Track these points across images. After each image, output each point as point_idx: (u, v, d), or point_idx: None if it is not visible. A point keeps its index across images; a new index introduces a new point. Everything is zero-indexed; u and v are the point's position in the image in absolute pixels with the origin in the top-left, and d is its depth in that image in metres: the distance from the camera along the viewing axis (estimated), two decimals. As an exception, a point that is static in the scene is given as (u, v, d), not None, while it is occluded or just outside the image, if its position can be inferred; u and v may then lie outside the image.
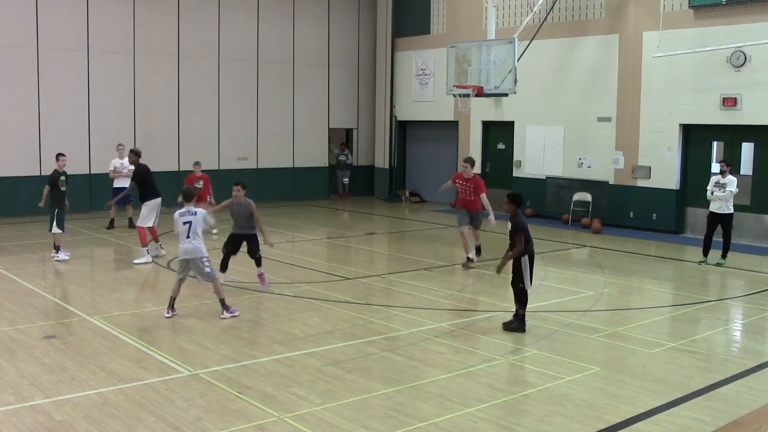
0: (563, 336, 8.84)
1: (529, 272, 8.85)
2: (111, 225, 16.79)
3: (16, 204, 18.30)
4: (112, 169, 17.05)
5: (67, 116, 19.03)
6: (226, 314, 9.41)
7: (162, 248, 13.57)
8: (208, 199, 15.72)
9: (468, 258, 13.12)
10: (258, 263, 11.04)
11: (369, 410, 6.47)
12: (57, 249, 13.20)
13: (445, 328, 9.23)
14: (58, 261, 13.05)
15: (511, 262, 8.97)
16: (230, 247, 10.98)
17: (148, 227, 13.27)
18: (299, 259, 13.74)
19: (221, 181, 21.52)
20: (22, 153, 18.48)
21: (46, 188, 13.15)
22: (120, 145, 17.40)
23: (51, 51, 18.75)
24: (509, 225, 8.92)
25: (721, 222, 13.68)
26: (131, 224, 16.90)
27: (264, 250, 11.09)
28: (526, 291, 8.91)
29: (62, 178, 13.18)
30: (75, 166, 17.95)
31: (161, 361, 7.75)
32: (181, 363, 7.66)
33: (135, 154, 13.69)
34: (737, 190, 13.62)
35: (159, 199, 13.42)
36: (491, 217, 12.94)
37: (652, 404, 6.73)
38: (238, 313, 9.51)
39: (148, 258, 13.04)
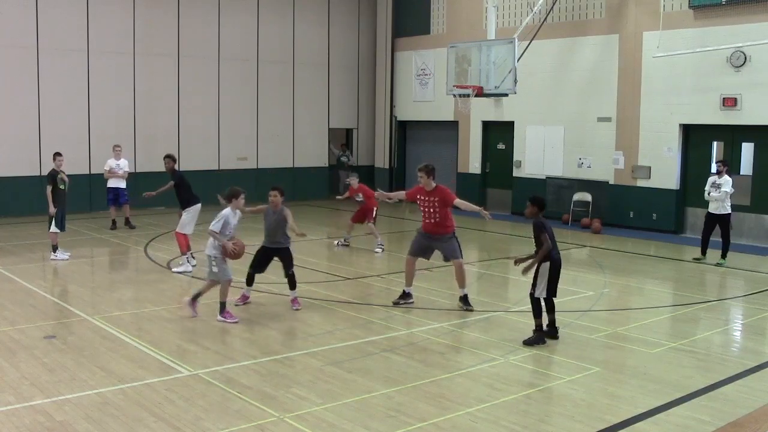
0: (563, 336, 8.83)
1: (546, 280, 8.39)
2: (114, 225, 16.78)
3: (16, 204, 18.31)
4: (107, 169, 16.99)
5: (67, 116, 19.02)
6: (219, 317, 9.27)
7: (193, 258, 12.55)
8: (374, 214, 14.90)
9: (405, 292, 10.34)
10: (292, 285, 9.96)
11: (369, 410, 6.47)
12: (54, 249, 13.18)
13: (445, 328, 9.23)
14: (56, 260, 13.02)
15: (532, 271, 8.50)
16: (257, 263, 9.94)
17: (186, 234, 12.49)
18: (299, 259, 13.67)
19: (221, 182, 21.59)
20: (22, 153, 18.48)
21: (48, 188, 13.10)
22: (117, 146, 17.36)
23: (51, 51, 18.75)
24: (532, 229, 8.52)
25: (718, 222, 13.70)
26: (128, 223, 16.90)
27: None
28: (536, 299, 8.45)
29: (60, 176, 13.16)
30: (75, 166, 17.93)
31: (161, 361, 7.75)
32: (181, 363, 7.66)
33: (171, 160, 12.88)
34: (732, 190, 13.65)
35: (199, 205, 12.61)
36: (482, 211, 10.01)
37: (652, 404, 6.73)
38: (236, 321, 9.28)
39: (187, 267, 12.26)
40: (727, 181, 13.57)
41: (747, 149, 16.51)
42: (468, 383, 7.26)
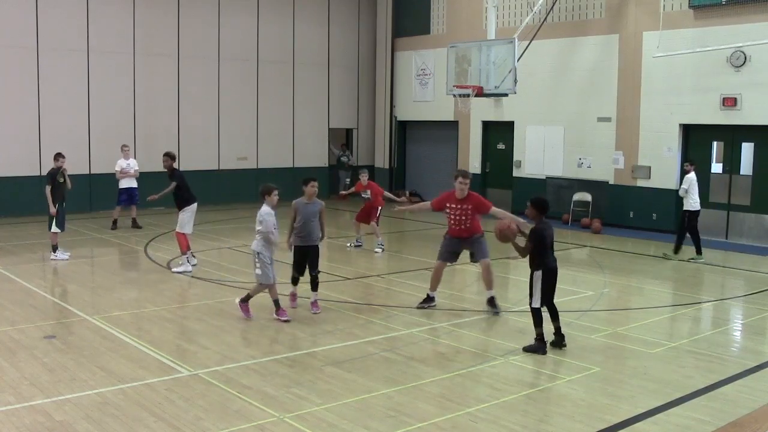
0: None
1: (540, 289, 8.23)
2: (114, 225, 16.75)
3: (16, 204, 18.30)
4: (119, 169, 16.97)
5: (67, 116, 19.02)
6: (242, 310, 9.38)
7: (194, 257, 12.56)
8: (378, 214, 14.72)
9: (428, 296, 10.12)
10: (314, 286, 9.79)
11: (369, 410, 6.47)
12: (54, 249, 13.17)
13: (445, 328, 9.23)
14: (56, 260, 13.01)
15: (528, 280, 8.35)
16: (299, 265, 9.77)
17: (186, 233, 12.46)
18: (299, 259, 13.72)
19: (221, 182, 21.62)
20: (22, 153, 18.47)
21: (47, 188, 13.08)
22: (125, 145, 17.41)
23: (51, 51, 18.75)
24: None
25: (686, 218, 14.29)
26: (135, 224, 16.89)
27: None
28: (533, 309, 8.29)
29: (60, 170, 13.15)
30: (75, 166, 17.92)
31: (161, 361, 7.75)
32: (181, 363, 7.66)
33: (170, 158, 12.79)
34: (686, 186, 14.06)
35: (195, 204, 12.58)
36: (518, 219, 9.08)
37: (652, 404, 6.73)
38: (249, 316, 9.35)
39: (187, 266, 12.22)
40: (686, 179, 14.06)
41: (747, 149, 16.51)
42: (468, 383, 7.26)
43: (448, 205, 9.80)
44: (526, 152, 20.19)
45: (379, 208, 14.89)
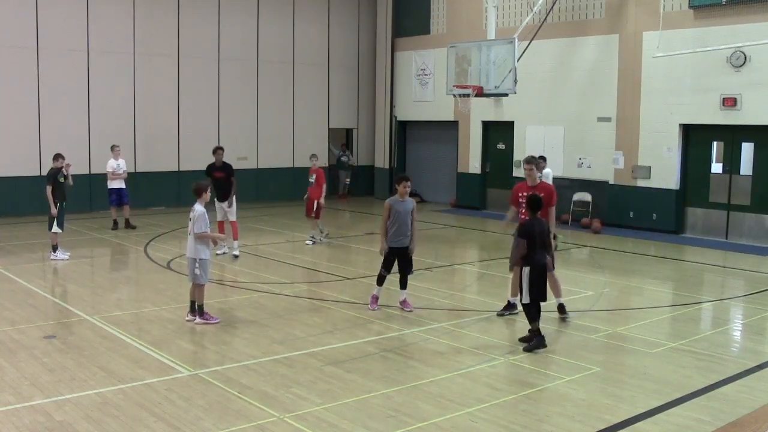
0: (563, 336, 8.83)
1: (528, 285, 8.18)
2: (115, 225, 16.74)
3: (16, 204, 18.31)
4: (110, 170, 16.93)
5: (67, 116, 19.03)
6: (198, 319, 9.12)
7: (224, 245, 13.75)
8: (321, 200, 15.01)
9: (509, 303, 9.72)
10: (405, 284, 9.83)
11: (369, 410, 6.47)
12: (54, 249, 13.17)
13: (445, 328, 9.23)
14: (56, 260, 13.01)
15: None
16: (389, 264, 9.73)
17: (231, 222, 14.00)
18: (299, 259, 13.75)
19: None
20: (22, 153, 18.48)
21: (48, 189, 13.07)
22: (116, 146, 17.32)
23: (51, 51, 18.75)
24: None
25: None
26: (128, 225, 16.87)
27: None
28: (524, 305, 8.30)
29: (62, 170, 13.16)
30: (75, 166, 17.81)
31: (161, 361, 7.75)
32: (181, 363, 7.66)
33: (223, 151, 14.23)
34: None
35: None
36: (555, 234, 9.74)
37: (652, 404, 6.73)
38: (216, 321, 9.17)
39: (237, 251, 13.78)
40: (543, 174, 14.51)
41: (747, 149, 16.50)
42: (468, 383, 7.26)
43: (520, 194, 9.31)
44: (527, 152, 20.12)
45: (315, 201, 14.84)
